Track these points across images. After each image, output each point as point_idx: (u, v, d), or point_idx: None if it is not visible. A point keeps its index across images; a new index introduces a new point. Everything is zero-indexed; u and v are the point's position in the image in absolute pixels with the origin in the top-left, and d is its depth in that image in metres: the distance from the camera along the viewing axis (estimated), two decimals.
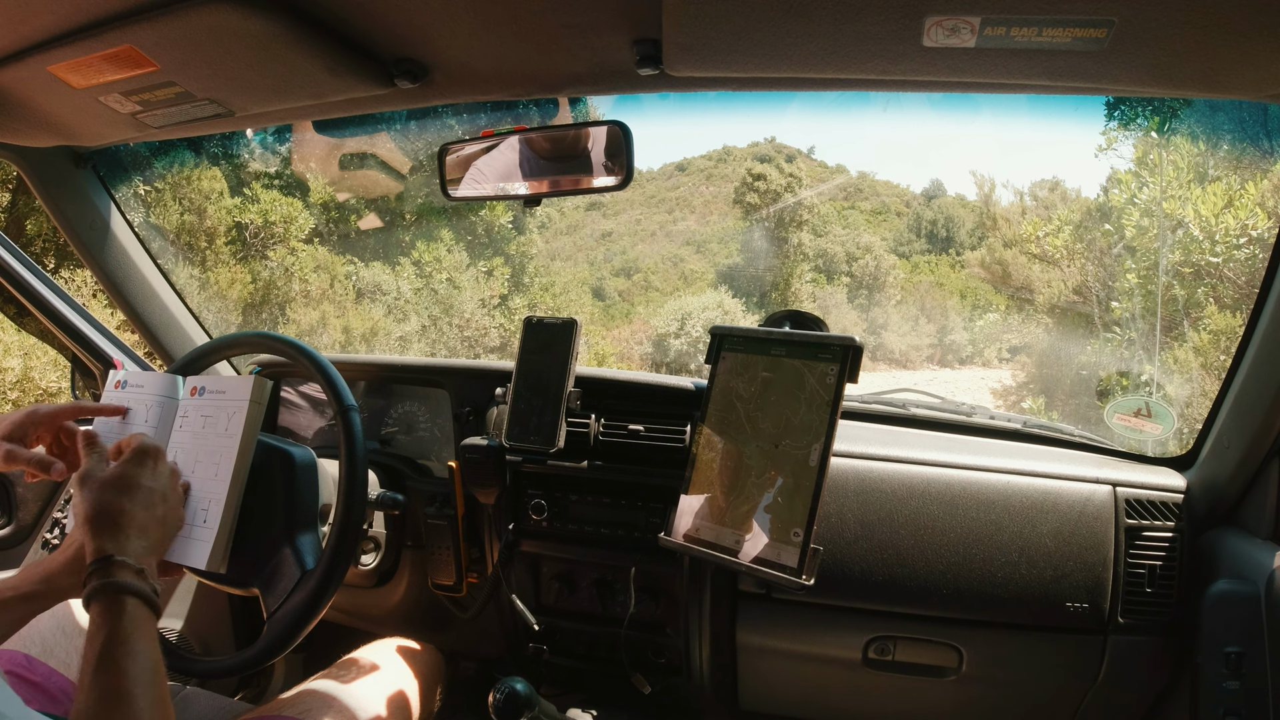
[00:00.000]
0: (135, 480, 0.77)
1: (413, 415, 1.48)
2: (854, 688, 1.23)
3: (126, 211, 1.43)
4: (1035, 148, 23.28)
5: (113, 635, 0.62)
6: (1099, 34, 0.66)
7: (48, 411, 0.94)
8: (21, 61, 0.86)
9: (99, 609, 0.65)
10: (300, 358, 1.07)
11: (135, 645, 0.63)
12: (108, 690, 0.60)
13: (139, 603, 0.66)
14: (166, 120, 1.03)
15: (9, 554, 1.49)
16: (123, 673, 0.61)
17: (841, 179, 25.78)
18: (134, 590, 0.66)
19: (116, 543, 0.70)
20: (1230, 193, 6.40)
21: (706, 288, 18.66)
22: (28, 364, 5.25)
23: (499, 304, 11.75)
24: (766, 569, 0.90)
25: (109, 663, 0.61)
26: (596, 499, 1.25)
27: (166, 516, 0.79)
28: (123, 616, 0.64)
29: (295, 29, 0.79)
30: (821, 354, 0.94)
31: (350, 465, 1.01)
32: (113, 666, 0.61)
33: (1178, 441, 1.86)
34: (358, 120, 7.59)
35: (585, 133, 1.06)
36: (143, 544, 0.72)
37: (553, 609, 1.34)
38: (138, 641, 0.63)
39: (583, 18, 0.79)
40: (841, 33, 0.71)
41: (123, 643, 0.62)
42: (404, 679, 1.18)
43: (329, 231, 10.49)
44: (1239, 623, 0.96)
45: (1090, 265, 9.58)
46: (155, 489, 0.78)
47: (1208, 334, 6.43)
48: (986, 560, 1.11)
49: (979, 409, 1.41)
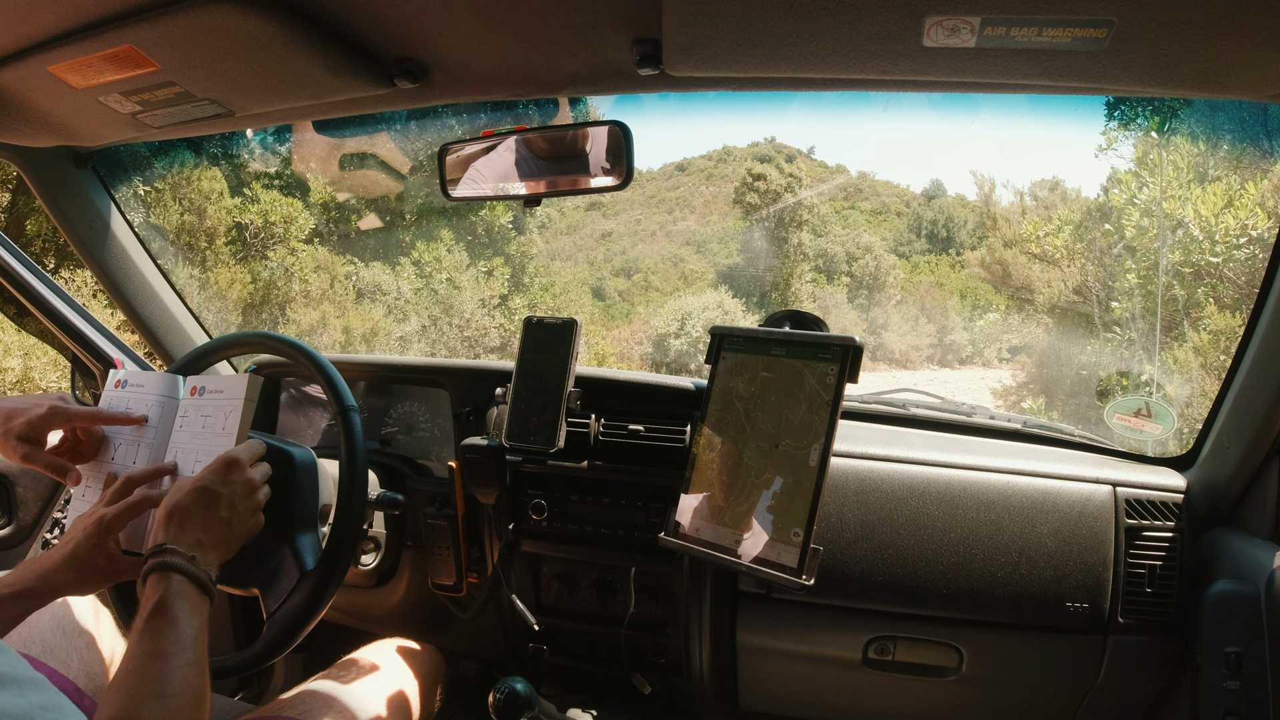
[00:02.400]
0: (206, 485, 0.86)
1: (413, 415, 1.48)
2: (854, 688, 1.23)
3: (126, 211, 1.43)
4: (1035, 148, 23.32)
5: (156, 604, 0.72)
6: (1099, 34, 0.66)
7: (67, 414, 0.95)
8: (21, 61, 0.86)
9: (149, 583, 0.75)
10: (300, 358, 1.07)
11: (176, 612, 0.72)
12: (148, 650, 0.68)
13: (184, 579, 0.76)
14: (166, 120, 1.03)
15: (9, 554, 1.49)
16: (161, 635, 0.70)
17: (841, 179, 25.78)
18: (179, 569, 0.76)
19: (171, 534, 0.80)
20: (1230, 193, 6.40)
21: (706, 288, 18.66)
22: (28, 364, 5.26)
23: (499, 304, 11.75)
24: (766, 569, 0.90)
25: (150, 626, 0.70)
26: (596, 499, 1.24)
27: (232, 519, 0.86)
28: (167, 588, 0.74)
29: (295, 29, 0.79)
30: (821, 354, 0.94)
31: (350, 465, 1.01)
32: (154, 629, 0.70)
33: (1178, 441, 1.86)
34: (358, 120, 7.58)
35: (585, 133, 1.06)
36: (199, 538, 0.81)
37: (553, 609, 1.33)
38: (179, 609, 0.72)
39: (583, 18, 0.79)
40: (841, 33, 0.71)
41: (164, 611, 0.71)
42: (404, 679, 1.18)
43: (329, 232, 10.49)
44: (1239, 623, 0.96)
45: (1090, 265, 9.57)
46: (223, 495, 0.86)
47: (1208, 334, 6.43)
48: (986, 560, 1.11)
49: (979, 409, 1.41)
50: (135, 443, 0.99)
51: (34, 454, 0.93)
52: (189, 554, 0.78)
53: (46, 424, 0.94)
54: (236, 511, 0.87)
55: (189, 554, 0.78)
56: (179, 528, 0.81)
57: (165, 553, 0.77)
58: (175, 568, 0.76)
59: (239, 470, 0.88)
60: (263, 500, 0.92)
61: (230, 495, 0.86)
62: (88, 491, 1.00)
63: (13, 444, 0.93)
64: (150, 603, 0.73)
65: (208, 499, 0.85)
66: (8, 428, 0.93)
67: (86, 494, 1.00)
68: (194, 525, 0.82)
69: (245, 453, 0.91)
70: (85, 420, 0.97)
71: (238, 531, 0.87)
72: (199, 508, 0.84)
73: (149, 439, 0.99)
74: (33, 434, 0.93)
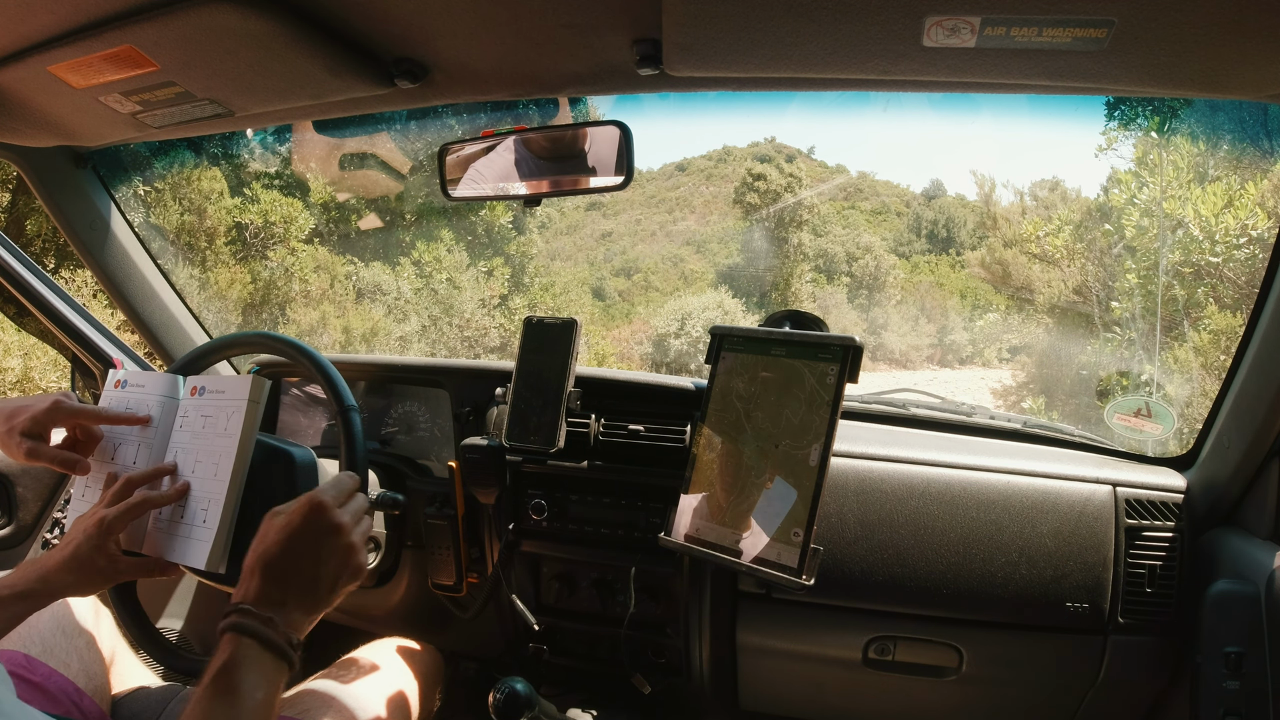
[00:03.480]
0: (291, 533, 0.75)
1: (413, 415, 1.48)
2: (854, 688, 1.23)
3: (126, 211, 1.43)
4: (1035, 148, 23.33)
5: (220, 668, 0.67)
6: (1099, 34, 0.66)
7: (71, 410, 0.95)
8: (21, 61, 0.86)
9: (221, 642, 0.69)
10: (300, 358, 1.07)
11: (240, 680, 0.66)
12: (199, 717, 0.64)
13: (255, 644, 0.69)
14: (166, 120, 1.03)
15: (9, 554, 1.49)
16: (219, 702, 0.65)
17: (841, 179, 25.79)
18: (250, 631, 0.69)
19: (250, 591, 0.72)
20: (1230, 193, 6.40)
21: (706, 288, 18.67)
22: (28, 364, 5.26)
23: (499, 304, 11.76)
24: (767, 569, 0.90)
25: (209, 693, 0.65)
26: (596, 499, 1.24)
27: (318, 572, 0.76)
28: (234, 652, 0.68)
29: (295, 29, 0.79)
30: (821, 354, 0.94)
31: (350, 465, 1.01)
32: (211, 696, 0.65)
33: (1178, 441, 1.86)
34: (358, 120, 7.59)
35: (585, 133, 1.06)
36: (280, 597, 0.73)
37: (553, 609, 1.33)
38: (245, 677, 0.66)
39: (583, 18, 0.79)
40: (841, 33, 0.71)
41: (227, 677, 0.66)
42: (404, 679, 1.18)
43: (329, 232, 10.49)
44: (1239, 623, 0.96)
45: (1090, 265, 9.58)
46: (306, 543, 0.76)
47: (1208, 334, 6.43)
48: (986, 560, 1.11)
49: (979, 409, 1.41)
50: (135, 443, 0.99)
51: (39, 449, 0.92)
52: (266, 614, 0.70)
53: (50, 419, 0.93)
54: (323, 561, 0.76)
55: (266, 614, 0.70)
56: (261, 583, 0.72)
57: (239, 612, 0.70)
58: (245, 630, 0.68)
59: (323, 513, 0.77)
60: (358, 544, 0.79)
61: (314, 543, 0.76)
62: (88, 492, 1.00)
63: (16, 440, 0.92)
64: (215, 666, 0.67)
65: (292, 549, 0.75)
66: (11, 425, 0.93)
67: (86, 494, 1.00)
68: (274, 581, 0.73)
69: (331, 491, 0.80)
70: (88, 418, 0.97)
71: (327, 584, 0.76)
72: (283, 559, 0.74)
73: (149, 439, 0.99)
74: (37, 429, 0.93)
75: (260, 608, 0.70)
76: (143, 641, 1.02)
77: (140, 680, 1.10)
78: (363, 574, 0.80)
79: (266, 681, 0.67)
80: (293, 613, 0.72)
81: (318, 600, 0.75)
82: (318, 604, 0.75)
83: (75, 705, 0.95)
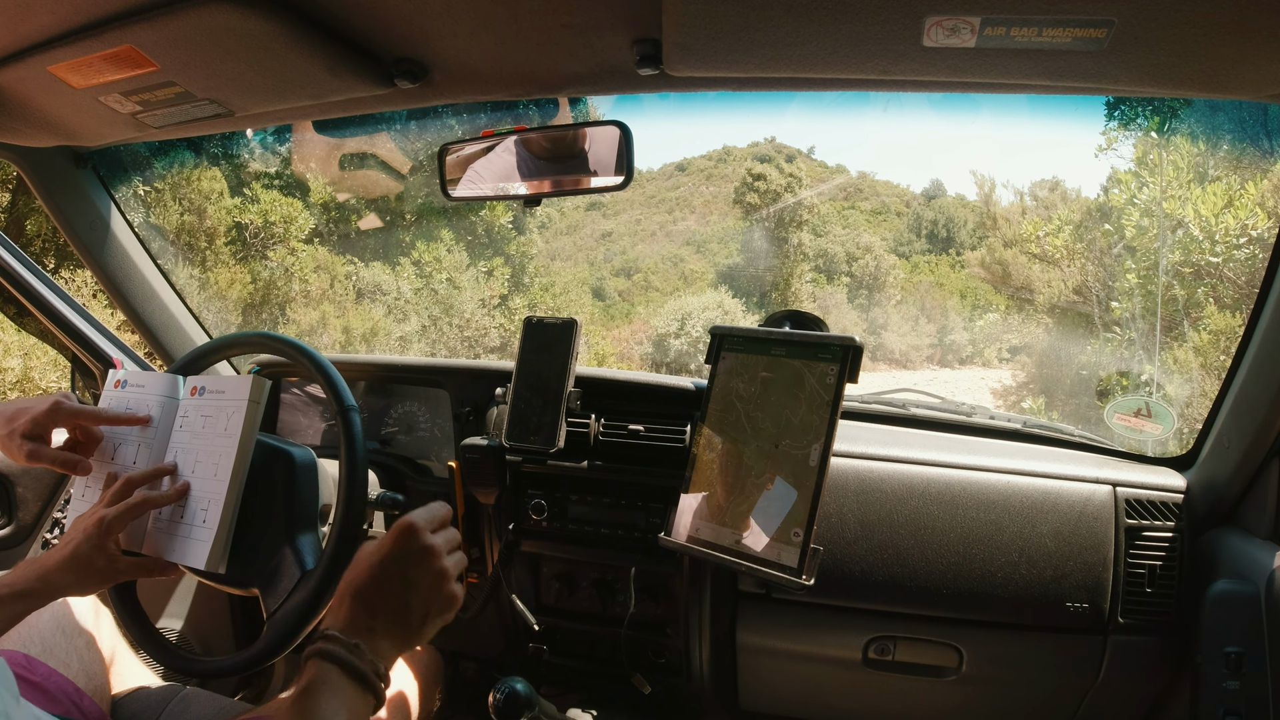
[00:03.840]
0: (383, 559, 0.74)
1: (413, 415, 1.48)
2: (854, 688, 1.23)
3: (126, 211, 1.43)
4: (1035, 148, 23.34)
5: (300, 691, 0.66)
6: (1099, 34, 0.66)
7: (72, 411, 0.95)
8: (21, 61, 0.86)
9: (306, 666, 0.68)
10: (300, 358, 1.07)
11: (317, 705, 0.65)
12: None
13: (336, 670, 0.67)
14: (166, 120, 1.03)
15: (9, 554, 1.49)
16: None
17: (841, 179, 25.79)
18: (333, 657, 0.68)
19: (340, 617, 0.71)
20: (1230, 193, 6.40)
21: (706, 288, 18.66)
22: (28, 364, 5.26)
23: (499, 304, 11.75)
24: (767, 569, 0.90)
25: (290, 713, 0.64)
26: (596, 499, 1.24)
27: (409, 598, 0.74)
28: (315, 676, 0.67)
29: (295, 29, 0.79)
30: (821, 354, 0.94)
31: (350, 465, 1.01)
32: (292, 718, 0.64)
33: (1178, 441, 1.86)
34: (358, 120, 7.59)
35: (585, 133, 1.06)
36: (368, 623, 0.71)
37: (553, 609, 1.34)
38: (324, 703, 0.65)
39: (583, 18, 0.79)
40: (841, 33, 0.71)
41: (305, 701, 0.65)
42: (404, 679, 1.18)
43: (329, 232, 10.49)
44: (1239, 623, 0.96)
45: (1090, 265, 9.58)
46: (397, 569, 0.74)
47: (1208, 334, 6.43)
48: (986, 560, 1.11)
49: (979, 409, 1.41)
50: (135, 443, 0.99)
51: (40, 451, 0.93)
52: (352, 641, 0.68)
53: (50, 420, 0.94)
54: (413, 585, 0.73)
55: (352, 641, 0.68)
56: (350, 609, 0.71)
57: (325, 638, 0.68)
58: (329, 655, 0.67)
59: (415, 535, 0.75)
60: (450, 571, 0.76)
61: (404, 566, 0.74)
62: (88, 492, 1.00)
63: (17, 442, 0.92)
64: (296, 688, 0.66)
65: (383, 572, 0.73)
66: (12, 428, 0.93)
67: (86, 494, 1.00)
68: (363, 606, 0.71)
69: (422, 516, 0.77)
70: (88, 419, 0.97)
71: (419, 613, 0.73)
72: (372, 583, 0.72)
73: (149, 439, 0.99)
74: (37, 431, 0.93)
75: (347, 634, 0.69)
76: (143, 641, 1.03)
77: (140, 680, 1.10)
78: (456, 605, 0.76)
79: (347, 710, 0.66)
80: (381, 640, 0.70)
81: (408, 629, 0.73)
82: (408, 633, 0.73)
83: (75, 705, 0.95)
